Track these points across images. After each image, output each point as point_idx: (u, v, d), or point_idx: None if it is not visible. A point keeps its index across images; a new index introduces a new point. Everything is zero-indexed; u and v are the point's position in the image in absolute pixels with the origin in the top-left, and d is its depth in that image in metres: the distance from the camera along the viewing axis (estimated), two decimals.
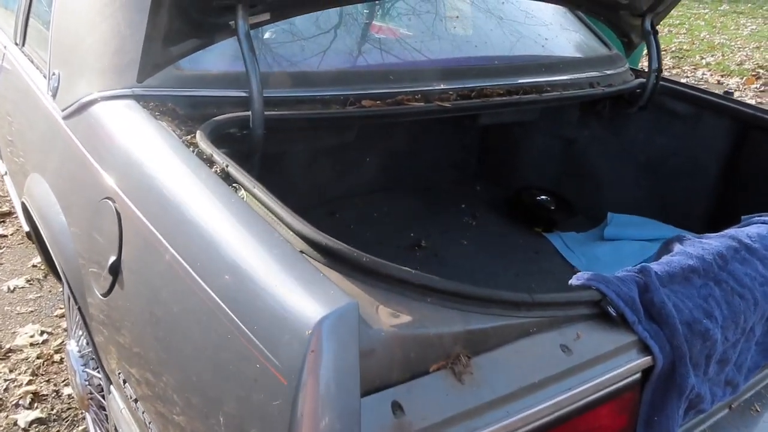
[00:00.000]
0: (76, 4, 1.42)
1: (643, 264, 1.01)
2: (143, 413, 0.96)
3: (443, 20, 1.71)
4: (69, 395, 1.87)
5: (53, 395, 1.88)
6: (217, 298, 0.77)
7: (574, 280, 0.98)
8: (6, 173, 2.19)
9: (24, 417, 1.78)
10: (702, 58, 6.99)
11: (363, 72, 1.41)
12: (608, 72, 1.87)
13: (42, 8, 1.81)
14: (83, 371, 1.43)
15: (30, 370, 1.96)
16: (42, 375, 1.96)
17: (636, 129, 1.99)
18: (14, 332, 2.12)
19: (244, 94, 1.22)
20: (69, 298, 1.51)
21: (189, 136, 1.09)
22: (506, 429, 0.76)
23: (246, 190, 0.92)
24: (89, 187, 1.14)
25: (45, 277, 2.44)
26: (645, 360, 0.90)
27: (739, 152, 1.80)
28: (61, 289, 2.36)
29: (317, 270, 0.73)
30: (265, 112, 1.17)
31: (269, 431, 0.67)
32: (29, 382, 1.92)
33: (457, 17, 1.69)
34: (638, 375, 0.91)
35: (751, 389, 1.21)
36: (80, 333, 1.48)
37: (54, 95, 1.40)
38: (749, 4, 10.77)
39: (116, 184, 1.05)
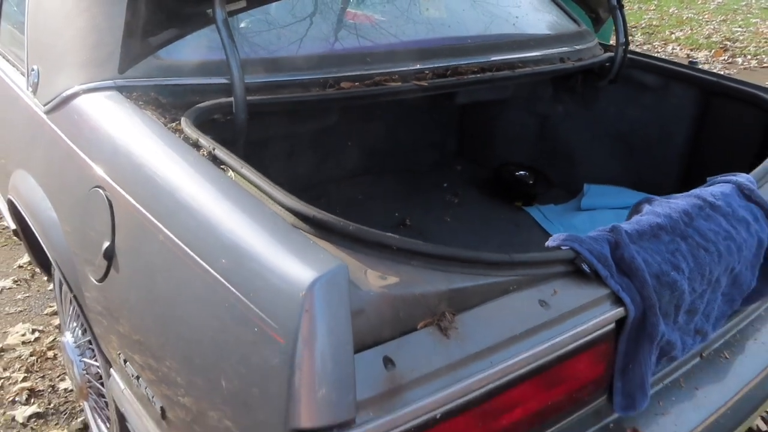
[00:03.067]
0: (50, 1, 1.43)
1: (613, 224, 1.07)
2: (146, 388, 1.00)
3: (417, 2, 1.75)
4: (65, 389, 1.89)
5: (49, 390, 1.91)
6: (213, 271, 0.81)
7: (550, 242, 1.04)
8: None
9: (21, 413, 1.80)
10: (671, 33, 7.11)
11: (340, 55, 1.45)
12: (578, 47, 1.92)
13: (12, 8, 1.81)
14: (80, 361, 1.46)
15: (24, 368, 1.98)
16: (36, 371, 1.98)
17: (607, 102, 2.05)
18: (5, 332, 2.13)
19: (225, 81, 1.25)
20: (62, 290, 1.53)
21: (174, 123, 1.12)
22: (490, 378, 0.81)
23: (234, 170, 0.96)
24: (78, 178, 1.16)
25: (32, 276, 2.44)
26: (618, 311, 0.96)
27: (704, 119, 1.87)
28: (50, 288, 2.37)
29: (308, 239, 0.78)
30: (248, 98, 1.20)
31: (270, 388, 0.71)
32: (24, 379, 1.93)
33: None
34: (612, 326, 0.97)
35: (720, 338, 1.28)
36: (74, 325, 1.51)
37: (34, 91, 1.41)
38: None
39: (105, 173, 1.08)
